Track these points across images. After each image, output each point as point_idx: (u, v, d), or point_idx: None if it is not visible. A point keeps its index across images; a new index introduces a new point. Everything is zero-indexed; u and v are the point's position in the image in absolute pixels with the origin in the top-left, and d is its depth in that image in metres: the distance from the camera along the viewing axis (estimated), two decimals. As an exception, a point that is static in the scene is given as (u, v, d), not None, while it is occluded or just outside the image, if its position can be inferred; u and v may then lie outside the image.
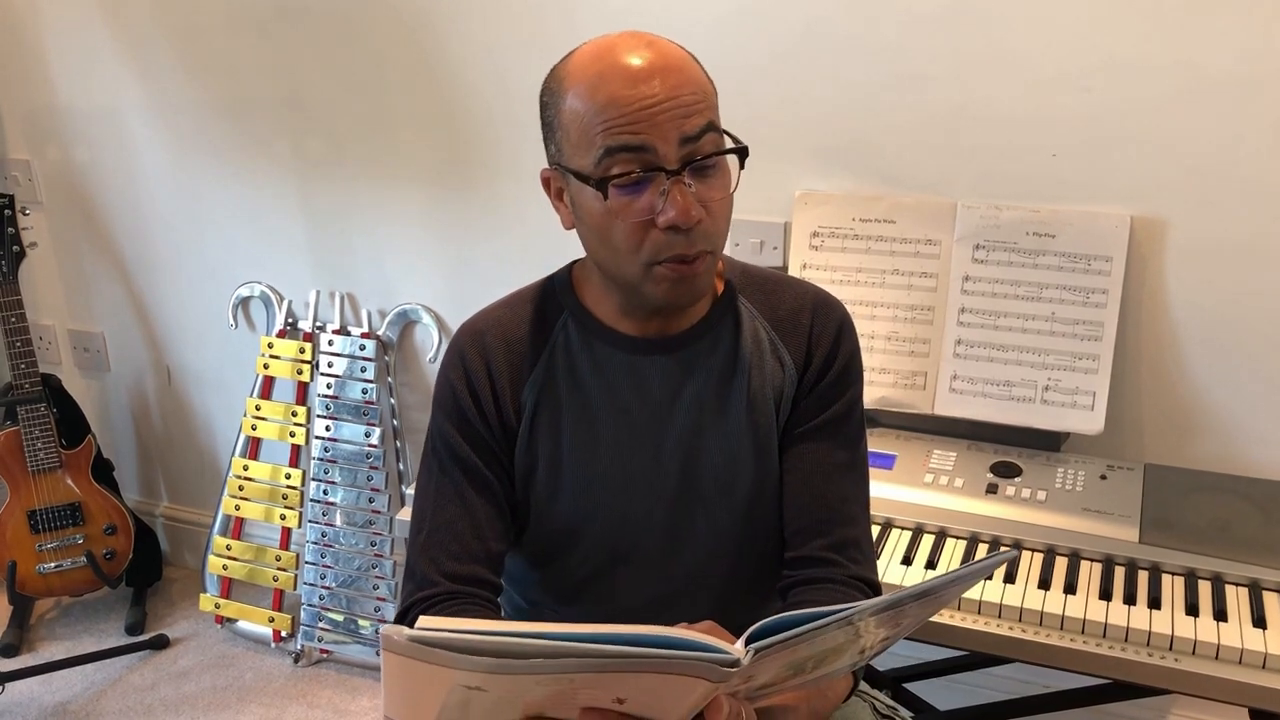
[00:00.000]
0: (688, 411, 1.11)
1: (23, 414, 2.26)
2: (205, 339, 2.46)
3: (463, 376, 1.10)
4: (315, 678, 2.28)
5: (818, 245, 1.73)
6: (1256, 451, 1.64)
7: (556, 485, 1.11)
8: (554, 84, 1.02)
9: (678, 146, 0.96)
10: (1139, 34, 1.54)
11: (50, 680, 2.28)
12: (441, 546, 1.08)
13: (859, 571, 1.10)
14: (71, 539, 2.34)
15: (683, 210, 0.96)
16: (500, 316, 1.13)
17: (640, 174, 0.96)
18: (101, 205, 2.43)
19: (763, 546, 1.15)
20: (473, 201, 2.08)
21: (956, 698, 1.85)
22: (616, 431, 1.11)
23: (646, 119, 0.95)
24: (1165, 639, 1.25)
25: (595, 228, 1.01)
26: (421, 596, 1.07)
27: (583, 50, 1.01)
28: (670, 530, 1.12)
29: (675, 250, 0.98)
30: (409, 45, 2.01)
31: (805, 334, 1.13)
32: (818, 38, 1.71)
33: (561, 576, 1.16)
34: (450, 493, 1.10)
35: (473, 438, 1.10)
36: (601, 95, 0.96)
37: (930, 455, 1.61)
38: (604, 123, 0.95)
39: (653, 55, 0.97)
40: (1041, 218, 1.61)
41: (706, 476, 1.12)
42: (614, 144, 0.95)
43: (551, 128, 1.02)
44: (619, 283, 1.04)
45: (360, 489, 2.23)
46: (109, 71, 2.28)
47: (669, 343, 1.10)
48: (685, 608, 1.13)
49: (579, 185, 0.99)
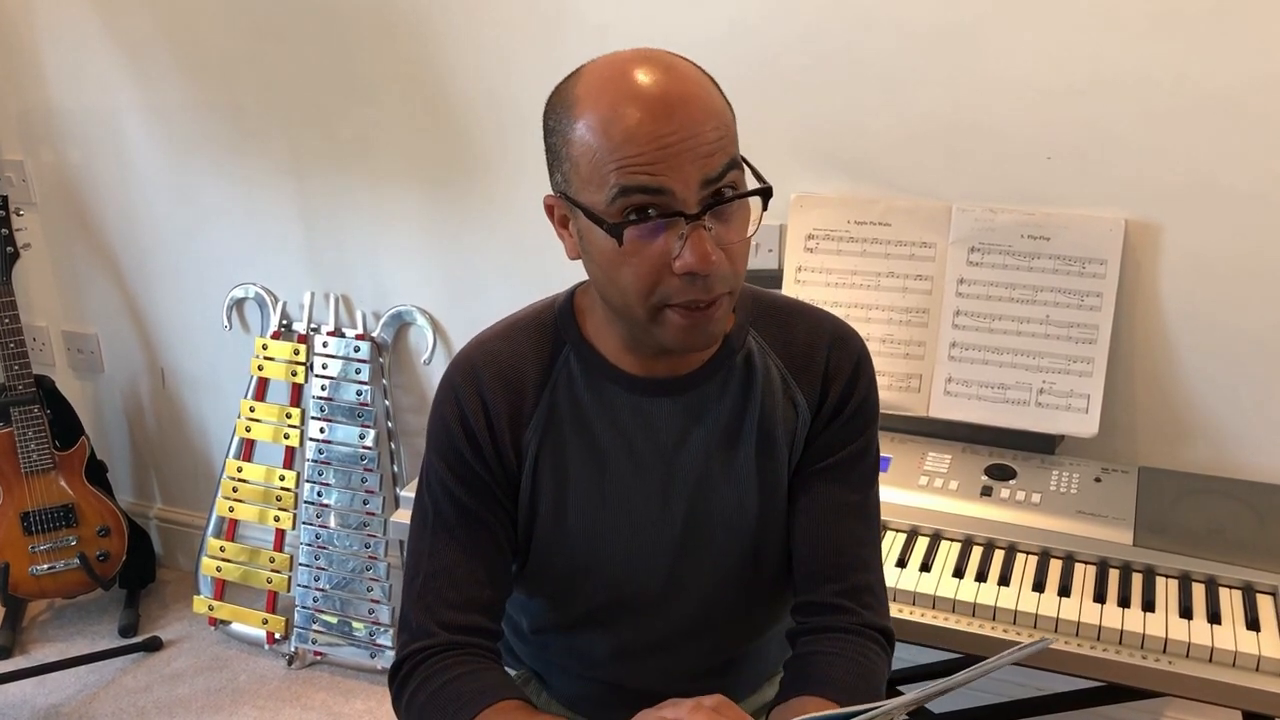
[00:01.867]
0: (695, 457, 1.06)
1: (16, 415, 2.26)
2: (199, 340, 2.46)
3: (458, 417, 1.04)
4: (309, 680, 2.27)
5: (813, 248, 1.73)
6: (1250, 455, 1.64)
7: (562, 530, 1.07)
8: (561, 109, 0.93)
9: (699, 189, 0.88)
10: (1133, 39, 1.54)
11: (43, 682, 2.27)
12: (437, 595, 1.03)
13: (872, 619, 1.06)
14: (65, 541, 2.33)
15: (702, 257, 0.88)
16: (497, 350, 1.06)
17: (657, 217, 0.89)
18: (95, 206, 2.43)
19: (768, 589, 1.12)
20: (468, 203, 2.08)
21: (951, 700, 1.85)
22: (623, 475, 1.06)
23: (666, 159, 0.87)
24: (1159, 642, 1.25)
25: (604, 266, 0.93)
26: (417, 648, 1.02)
27: (593, 71, 0.92)
28: (674, 574, 1.09)
29: (690, 295, 0.91)
30: (404, 47, 2.01)
31: (820, 371, 1.07)
32: (814, 41, 1.71)
33: (559, 615, 1.13)
34: (445, 537, 1.04)
35: (470, 480, 1.04)
36: (617, 130, 0.87)
37: (925, 458, 1.61)
38: (619, 161, 0.87)
39: (671, 83, 0.89)
40: (1036, 221, 1.61)
41: (715, 521, 1.08)
42: (630, 184, 0.87)
43: (558, 156, 0.93)
44: (627, 322, 0.97)
45: (354, 491, 2.23)
46: (103, 72, 2.28)
47: (677, 384, 1.05)
48: (690, 648, 1.12)
49: (588, 222, 0.91)
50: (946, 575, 1.38)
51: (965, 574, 1.38)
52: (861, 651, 1.03)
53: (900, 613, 1.35)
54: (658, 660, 1.13)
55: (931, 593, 1.35)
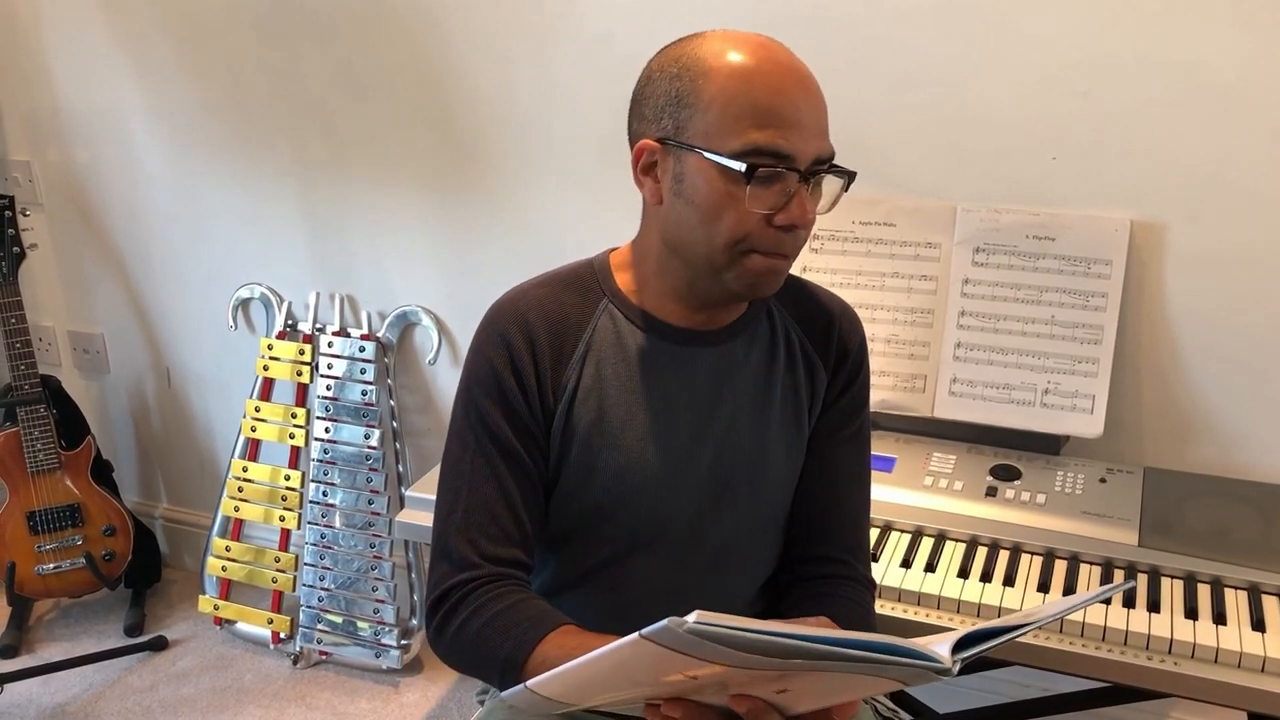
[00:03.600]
0: (727, 405, 1.13)
1: (22, 415, 2.26)
2: (205, 340, 2.46)
3: (505, 355, 1.09)
4: (314, 679, 2.28)
5: (818, 248, 1.73)
6: (1256, 455, 1.64)
7: (591, 468, 1.11)
8: (689, 60, 1.01)
9: (811, 160, 1.00)
10: (1139, 39, 1.54)
11: (49, 681, 2.27)
12: (480, 528, 1.07)
13: (864, 573, 1.19)
14: (70, 540, 2.33)
15: (804, 214, 1.00)
16: (540, 295, 1.12)
17: (783, 170, 0.99)
18: (101, 206, 2.44)
19: (774, 541, 1.20)
20: (473, 203, 2.08)
21: (956, 701, 1.85)
22: (655, 419, 1.11)
23: (796, 127, 0.98)
24: (1164, 642, 1.25)
25: (705, 206, 1.01)
26: (462, 579, 1.06)
27: (721, 36, 1.02)
28: (696, 521, 1.14)
29: (779, 247, 1.02)
30: (410, 47, 2.01)
31: (834, 340, 1.18)
32: (816, 42, 1.71)
33: (576, 560, 1.16)
34: (486, 472, 1.08)
35: (512, 418, 1.09)
36: (761, 88, 0.98)
37: (930, 458, 1.61)
38: (756, 115, 0.97)
39: (799, 66, 1.01)
40: (1041, 221, 1.61)
41: (739, 471, 1.14)
42: (764, 141, 0.97)
43: (679, 103, 1.01)
44: (697, 266, 1.05)
45: (359, 491, 2.23)
46: (109, 73, 2.28)
47: (714, 336, 1.12)
48: (694, 599, 1.13)
49: (701, 163, 0.99)
50: (951, 575, 1.38)
51: (970, 574, 1.38)
52: (859, 595, 1.16)
53: (905, 613, 1.35)
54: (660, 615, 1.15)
55: (936, 593, 1.35)
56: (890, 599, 1.36)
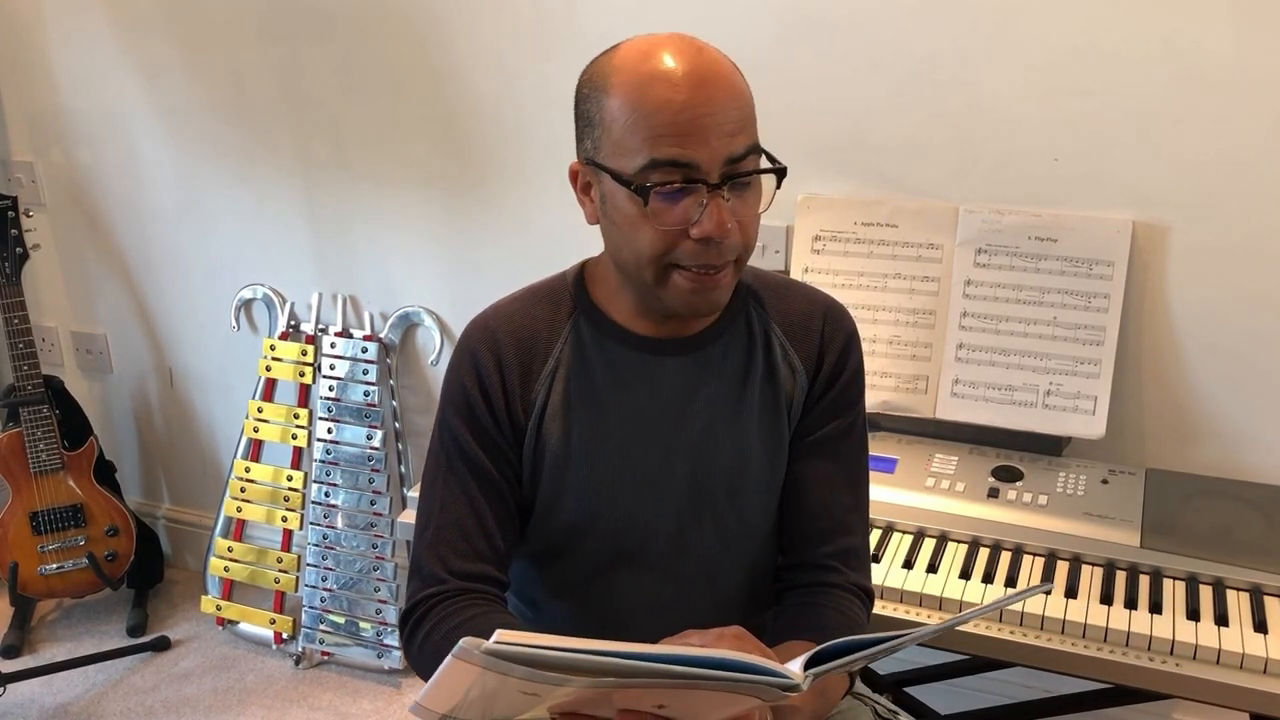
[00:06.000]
0: (701, 414, 1.11)
1: (25, 415, 2.27)
2: (207, 341, 2.46)
3: (474, 374, 1.09)
4: (316, 680, 2.28)
5: (820, 249, 1.73)
6: (1258, 456, 1.64)
7: (563, 483, 1.11)
8: (597, 78, 0.99)
9: (721, 165, 0.96)
10: (1141, 39, 1.54)
11: (51, 681, 2.28)
12: (449, 544, 1.08)
13: (856, 579, 1.14)
14: (73, 540, 2.34)
15: (719, 224, 0.96)
16: (511, 312, 1.12)
17: (682, 185, 0.95)
18: (104, 207, 2.44)
19: (763, 550, 1.17)
20: (475, 204, 2.08)
21: (957, 702, 1.85)
22: (628, 431, 1.10)
23: (695, 134, 0.94)
24: (1166, 644, 1.25)
25: (624, 228, 1.00)
26: (429, 594, 1.07)
27: (630, 47, 0.99)
28: (677, 533, 1.12)
29: (703, 260, 0.98)
30: (413, 48, 2.01)
31: (816, 340, 1.14)
32: (819, 43, 1.71)
33: (562, 575, 1.16)
34: (458, 490, 1.09)
35: (482, 437, 1.09)
36: (649, 101, 0.94)
37: (932, 459, 1.61)
38: (650, 130, 0.94)
39: (703, 65, 0.96)
40: (1043, 222, 1.61)
41: (717, 480, 1.12)
42: (659, 155, 0.94)
43: (590, 123, 1.00)
44: (637, 284, 1.04)
45: (362, 491, 2.23)
46: (112, 74, 2.29)
47: (683, 344, 1.10)
48: (685, 610, 1.13)
49: (613, 185, 0.98)
50: (953, 576, 1.38)
51: (972, 575, 1.38)
52: (847, 604, 1.11)
53: (907, 614, 1.35)
54: (651, 628, 1.14)
55: (938, 594, 1.35)
56: (892, 600, 1.36)
